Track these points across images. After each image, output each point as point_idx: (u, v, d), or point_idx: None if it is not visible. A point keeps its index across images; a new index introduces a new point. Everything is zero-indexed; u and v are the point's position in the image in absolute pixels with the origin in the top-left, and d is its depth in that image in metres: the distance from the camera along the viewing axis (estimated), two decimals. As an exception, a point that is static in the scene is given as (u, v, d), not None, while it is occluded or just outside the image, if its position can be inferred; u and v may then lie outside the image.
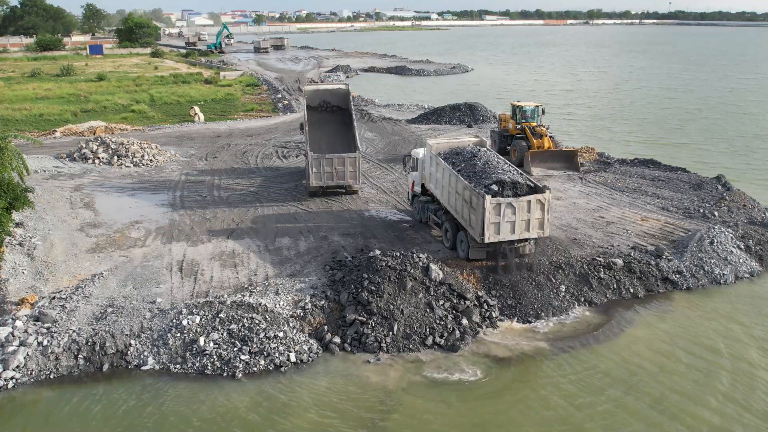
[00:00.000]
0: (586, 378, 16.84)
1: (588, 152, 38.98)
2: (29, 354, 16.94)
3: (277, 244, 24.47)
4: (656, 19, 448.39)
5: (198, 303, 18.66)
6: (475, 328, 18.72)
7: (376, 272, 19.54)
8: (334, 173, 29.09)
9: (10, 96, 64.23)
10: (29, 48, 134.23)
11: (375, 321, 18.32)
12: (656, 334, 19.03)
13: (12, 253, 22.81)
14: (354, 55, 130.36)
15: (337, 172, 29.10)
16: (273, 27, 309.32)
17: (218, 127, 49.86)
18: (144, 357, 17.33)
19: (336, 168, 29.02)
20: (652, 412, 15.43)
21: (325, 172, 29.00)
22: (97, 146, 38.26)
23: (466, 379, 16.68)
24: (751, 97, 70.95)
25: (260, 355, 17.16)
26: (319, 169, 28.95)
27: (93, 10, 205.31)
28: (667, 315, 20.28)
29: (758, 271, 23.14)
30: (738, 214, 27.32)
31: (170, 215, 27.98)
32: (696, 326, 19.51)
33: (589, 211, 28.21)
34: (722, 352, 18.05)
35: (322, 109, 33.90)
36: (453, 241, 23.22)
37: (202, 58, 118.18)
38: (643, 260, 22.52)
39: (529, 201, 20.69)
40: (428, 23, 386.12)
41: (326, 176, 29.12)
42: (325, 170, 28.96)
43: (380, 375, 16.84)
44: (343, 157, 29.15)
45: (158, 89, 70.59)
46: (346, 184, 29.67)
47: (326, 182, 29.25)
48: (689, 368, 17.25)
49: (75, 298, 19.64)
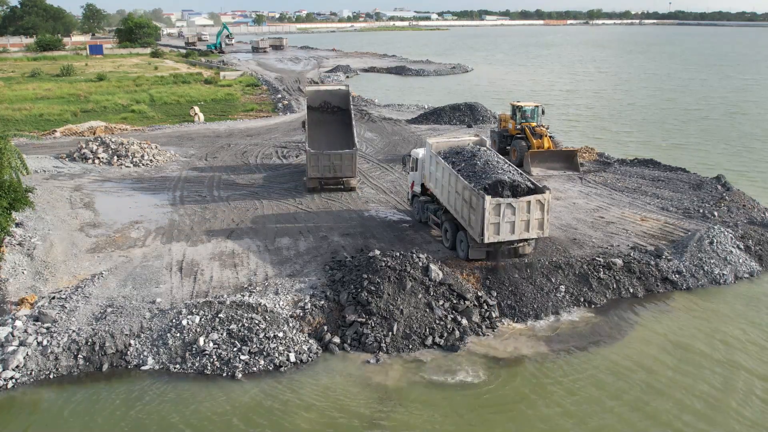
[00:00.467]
0: (586, 379, 16.83)
1: (588, 152, 38.99)
2: (29, 354, 16.95)
3: (276, 244, 24.48)
4: (656, 19, 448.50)
5: (198, 303, 18.66)
6: (474, 328, 18.72)
7: (375, 272, 19.54)
8: (331, 169, 30.30)
9: (10, 96, 64.25)
10: (29, 48, 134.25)
11: (374, 321, 18.32)
12: (655, 335, 19.02)
13: (12, 253, 22.81)
14: (354, 55, 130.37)
15: (335, 168, 30.26)
16: (273, 27, 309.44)
17: (218, 127, 49.87)
18: (144, 357, 17.33)
19: (333, 164, 30.16)
20: (652, 414, 15.43)
21: (323, 168, 30.21)
22: (97, 146, 38.27)
23: (465, 380, 16.67)
24: (752, 97, 70.95)
25: (260, 355, 17.16)
26: (317, 164, 30.17)
27: (93, 10, 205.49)
28: (666, 315, 20.27)
29: (758, 271, 23.14)
30: (738, 214, 27.32)
31: (170, 215, 27.99)
32: (695, 327, 19.49)
33: (589, 211, 28.22)
34: (721, 352, 18.04)
35: (323, 109, 34.74)
36: (453, 241, 23.21)
37: (202, 59, 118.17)
38: (642, 260, 22.51)
39: (529, 201, 20.69)
40: (428, 23, 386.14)
41: (324, 171, 30.36)
42: (323, 166, 30.17)
43: (380, 375, 16.84)
44: (340, 153, 30.19)
45: (158, 89, 70.60)
46: (343, 179, 30.73)
47: (324, 174, 30.39)
48: (688, 370, 17.23)
49: (75, 298, 19.65)
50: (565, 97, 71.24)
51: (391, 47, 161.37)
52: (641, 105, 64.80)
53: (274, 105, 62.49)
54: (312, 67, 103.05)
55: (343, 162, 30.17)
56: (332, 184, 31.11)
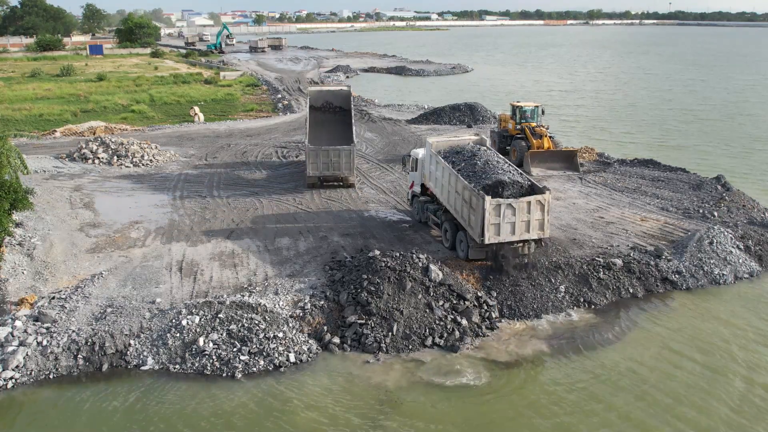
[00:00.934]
0: (585, 380, 16.83)
1: (588, 152, 39.01)
2: (29, 354, 16.94)
3: (276, 244, 24.48)
4: (656, 19, 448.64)
5: (197, 303, 18.66)
6: (474, 328, 18.70)
7: (375, 273, 19.52)
8: (330, 164, 31.13)
9: (10, 96, 64.23)
10: (29, 48, 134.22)
11: (374, 321, 18.31)
12: (655, 336, 19.02)
13: (12, 253, 22.81)
14: (354, 56, 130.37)
15: (333, 164, 31.13)
16: (273, 27, 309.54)
17: (218, 128, 49.87)
18: (143, 357, 17.33)
19: (332, 159, 31.04)
20: (651, 414, 15.44)
21: (322, 163, 31.08)
22: (97, 146, 38.27)
23: (465, 381, 16.65)
24: (753, 98, 70.93)
25: (260, 356, 17.15)
26: (316, 160, 30.99)
27: (93, 10, 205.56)
28: (666, 315, 20.26)
29: (757, 271, 23.13)
30: (737, 214, 27.32)
31: (170, 215, 27.99)
32: (695, 327, 19.49)
33: (589, 211, 28.22)
34: (721, 353, 18.04)
35: (325, 109, 36.14)
36: (452, 242, 23.21)
37: (202, 59, 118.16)
38: (642, 260, 22.51)
39: (529, 202, 20.70)
40: (428, 23, 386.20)
41: (323, 167, 31.19)
42: (322, 161, 31.03)
43: (380, 375, 16.84)
44: (338, 149, 31.09)
45: (158, 89, 70.59)
46: (341, 174, 31.39)
47: (323, 172, 31.22)
48: (688, 370, 17.24)
49: (74, 298, 19.65)
50: (565, 97, 71.24)
51: (391, 47, 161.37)
52: (641, 105, 64.79)
53: (274, 105, 62.52)
54: (312, 68, 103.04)
55: (341, 158, 30.98)
56: (331, 180, 31.79)
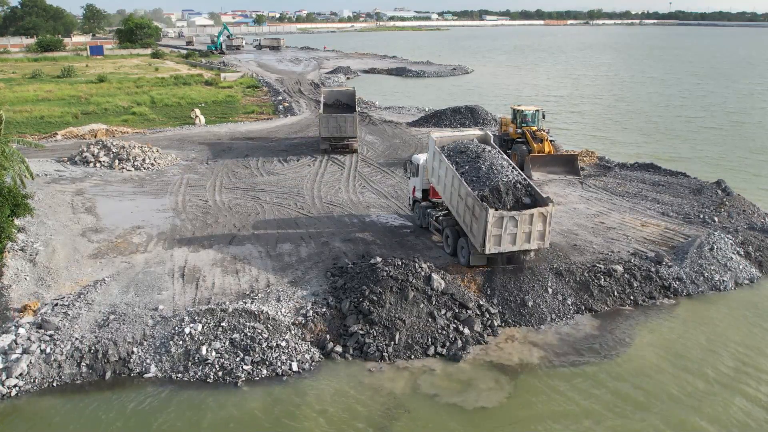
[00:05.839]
0: (586, 387, 16.89)
1: (588, 156, 39.06)
2: (32, 362, 17.00)
3: (278, 249, 24.52)
4: (656, 19, 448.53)
5: (200, 311, 18.70)
6: (476, 337, 18.77)
7: (377, 282, 19.54)
8: (338, 127, 40.26)
9: (11, 98, 64.19)
10: (30, 49, 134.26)
11: (377, 330, 18.36)
12: (656, 342, 19.07)
13: (14, 258, 22.85)
14: (354, 56, 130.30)
15: (341, 127, 40.23)
16: (273, 27, 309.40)
17: (219, 130, 49.90)
18: (146, 365, 17.38)
19: (339, 124, 40.15)
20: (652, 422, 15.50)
21: (332, 127, 40.17)
22: (99, 149, 38.32)
23: (467, 389, 16.69)
24: (759, 103, 70.93)
25: (262, 365, 17.20)
26: (328, 124, 40.17)
27: (93, 10, 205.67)
28: (667, 322, 20.32)
29: (758, 277, 23.21)
30: (738, 219, 27.37)
31: (172, 220, 28.04)
32: (696, 334, 19.54)
33: (590, 216, 28.27)
34: (723, 360, 18.10)
35: (336, 105, 45.05)
36: (454, 248, 23.26)
37: (202, 59, 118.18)
38: (643, 266, 22.55)
39: (532, 215, 20.75)
40: (428, 23, 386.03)
41: (333, 130, 40.09)
42: (332, 126, 40.15)
43: (382, 384, 16.89)
44: (344, 115, 40.43)
45: (159, 91, 70.57)
46: (347, 136, 40.19)
47: (333, 134, 40.21)
48: (689, 377, 17.30)
49: (77, 304, 19.69)
50: (565, 101, 71.25)
51: (391, 48, 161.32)
52: (642, 110, 64.79)
53: (274, 107, 62.50)
54: (312, 69, 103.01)
55: (347, 123, 39.97)
56: (340, 146, 40.46)
